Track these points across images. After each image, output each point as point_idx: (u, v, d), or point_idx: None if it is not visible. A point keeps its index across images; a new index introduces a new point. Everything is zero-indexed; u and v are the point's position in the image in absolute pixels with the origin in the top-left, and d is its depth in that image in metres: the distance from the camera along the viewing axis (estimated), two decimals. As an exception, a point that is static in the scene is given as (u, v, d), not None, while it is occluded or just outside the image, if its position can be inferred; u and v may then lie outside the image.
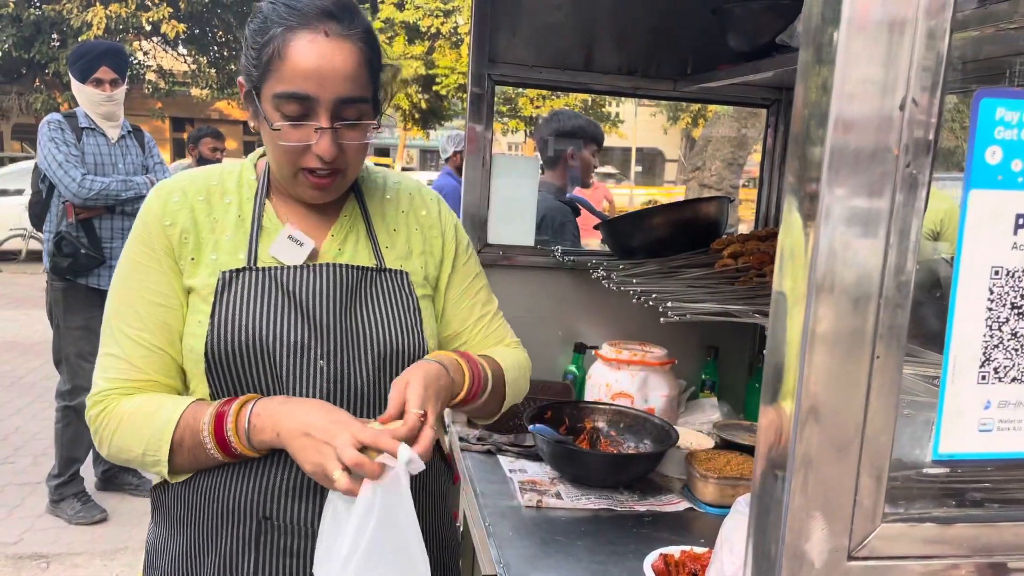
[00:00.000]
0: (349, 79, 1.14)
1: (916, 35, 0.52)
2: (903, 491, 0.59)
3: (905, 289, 0.54)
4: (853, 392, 0.55)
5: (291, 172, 1.20)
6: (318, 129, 1.14)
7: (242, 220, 1.25)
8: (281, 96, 1.13)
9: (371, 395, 1.23)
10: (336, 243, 1.29)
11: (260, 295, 1.20)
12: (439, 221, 1.39)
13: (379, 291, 1.27)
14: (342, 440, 1.05)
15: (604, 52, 2.30)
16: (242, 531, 1.20)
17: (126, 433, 1.19)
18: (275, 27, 1.13)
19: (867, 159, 0.52)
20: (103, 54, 3.70)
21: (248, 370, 1.18)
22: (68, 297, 3.69)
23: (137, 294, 1.22)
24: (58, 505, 3.81)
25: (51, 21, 15.44)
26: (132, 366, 1.21)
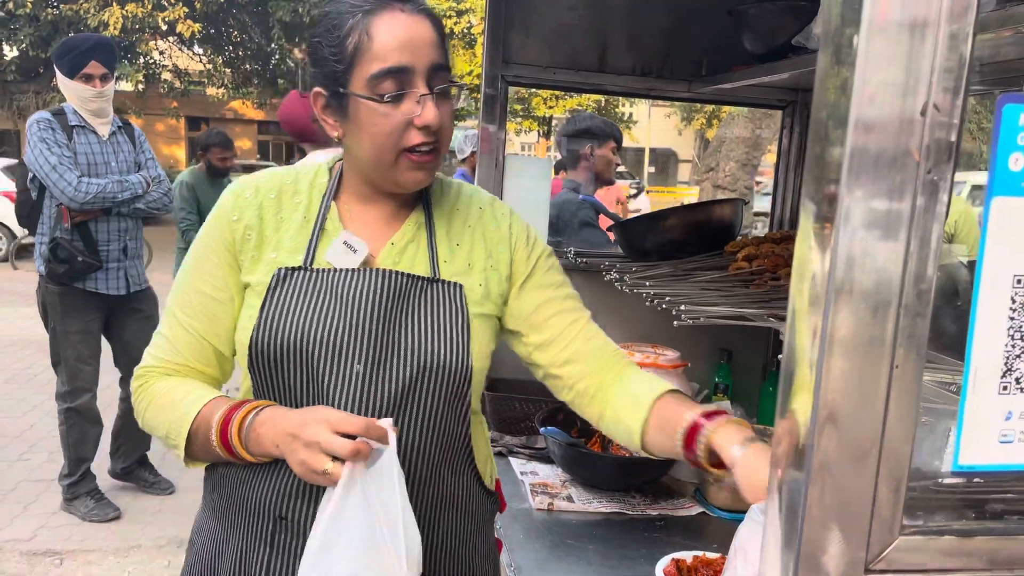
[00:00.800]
0: (436, 46, 1.17)
1: (938, 38, 0.51)
2: (921, 502, 0.57)
3: (925, 296, 0.53)
4: (872, 400, 0.54)
5: (392, 157, 1.18)
6: (420, 98, 1.15)
7: (307, 221, 1.26)
8: (377, 75, 1.14)
9: (405, 404, 1.20)
10: (395, 251, 1.27)
11: (309, 295, 1.21)
12: (508, 236, 1.33)
13: (429, 302, 1.24)
14: (320, 432, 1.06)
15: (618, 53, 2.29)
16: (259, 528, 1.23)
17: (155, 413, 1.24)
18: (351, 17, 1.15)
19: (887, 164, 0.51)
20: (92, 48, 3.53)
21: (287, 368, 1.19)
22: (65, 301, 3.61)
23: (193, 282, 1.26)
24: (71, 503, 3.83)
25: (68, 21, 15.55)
26: (175, 349, 1.26)
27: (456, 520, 1.30)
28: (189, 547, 1.36)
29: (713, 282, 1.86)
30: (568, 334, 1.32)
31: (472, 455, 1.31)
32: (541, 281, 1.33)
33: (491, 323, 1.30)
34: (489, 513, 1.40)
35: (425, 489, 1.24)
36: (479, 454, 1.34)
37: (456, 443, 1.27)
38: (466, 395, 1.25)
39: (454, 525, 1.30)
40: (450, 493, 1.28)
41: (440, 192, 1.34)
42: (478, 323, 1.27)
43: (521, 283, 1.32)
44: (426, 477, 1.24)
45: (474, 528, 1.34)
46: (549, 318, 1.32)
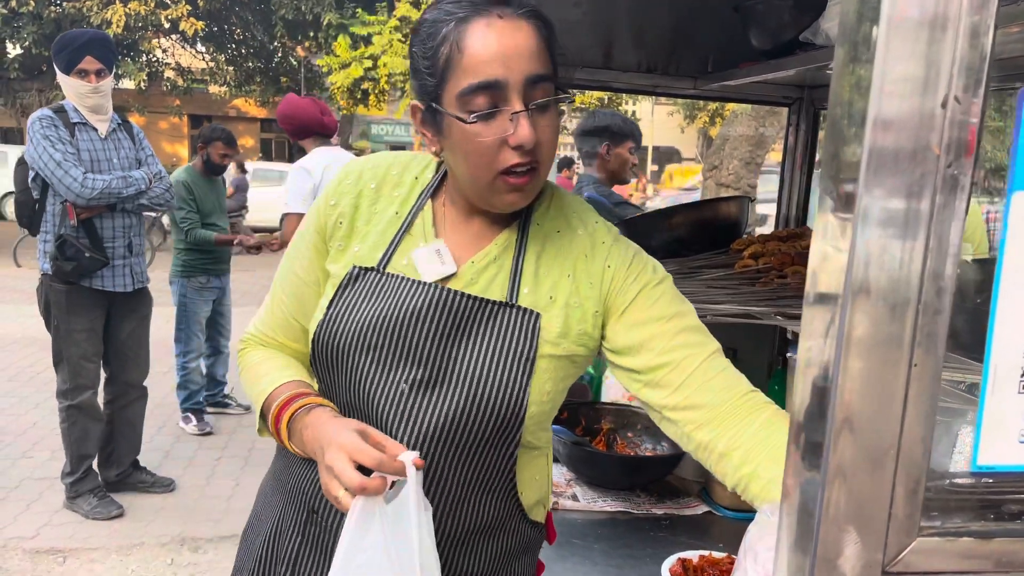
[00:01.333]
0: (533, 55, 1.06)
1: (959, 31, 0.50)
2: (939, 503, 0.56)
3: (944, 294, 0.52)
4: (889, 401, 0.53)
5: (489, 178, 1.10)
6: (513, 115, 1.05)
7: (397, 217, 1.21)
8: (468, 91, 1.05)
9: (448, 432, 1.13)
10: (473, 271, 1.18)
11: (373, 300, 1.16)
12: (603, 271, 1.18)
13: (497, 329, 1.14)
14: (339, 461, 1.01)
15: (623, 50, 2.28)
16: (294, 513, 1.26)
17: (246, 381, 1.29)
18: (445, 25, 1.07)
19: (907, 159, 0.50)
20: (87, 43, 3.52)
21: (340, 373, 1.18)
22: (71, 300, 3.61)
23: (292, 261, 1.28)
24: (74, 501, 3.83)
25: (71, 19, 15.55)
26: (270, 325, 1.30)
27: (490, 549, 1.25)
28: (255, 500, 1.39)
29: (719, 280, 1.85)
30: (679, 373, 1.13)
31: (515, 489, 1.24)
32: (643, 316, 1.16)
33: (564, 364, 1.18)
34: (530, 543, 1.33)
35: (457, 519, 1.19)
36: (529, 490, 1.26)
37: (497, 478, 1.21)
38: (515, 433, 1.15)
39: (487, 555, 1.24)
40: (487, 522, 1.23)
41: (546, 208, 1.22)
42: (545, 363, 1.15)
43: (618, 316, 1.17)
44: (460, 508, 1.19)
45: (509, 558, 1.28)
46: (655, 356, 1.14)
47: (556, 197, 1.24)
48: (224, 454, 4.70)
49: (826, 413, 0.53)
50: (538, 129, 1.07)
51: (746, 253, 1.93)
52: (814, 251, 0.55)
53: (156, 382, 4.63)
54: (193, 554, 3.53)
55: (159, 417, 5.09)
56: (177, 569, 3.41)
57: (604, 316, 1.18)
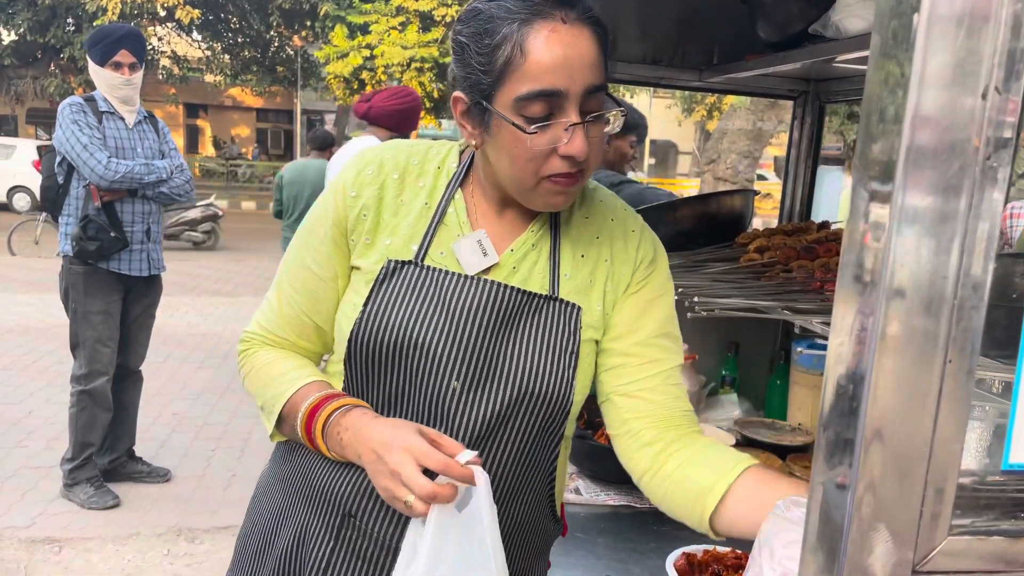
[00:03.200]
0: (594, 66, 1.03)
1: (1001, 21, 0.49)
2: (970, 502, 0.56)
3: (981, 290, 0.51)
4: (923, 399, 0.52)
5: (533, 182, 1.08)
6: (570, 126, 1.03)
7: (427, 208, 1.17)
8: (527, 97, 1.02)
9: (498, 429, 1.12)
10: (513, 259, 1.16)
11: (416, 296, 1.13)
12: (635, 255, 1.20)
13: (542, 322, 1.14)
14: (407, 467, 0.98)
15: (628, 41, 2.26)
16: (327, 518, 1.18)
17: (255, 383, 1.22)
18: (505, 24, 1.02)
19: (946, 152, 0.49)
20: (123, 38, 3.66)
21: (384, 370, 1.13)
22: (88, 282, 3.68)
23: (301, 254, 1.21)
24: (71, 489, 3.82)
25: (66, 6, 15.46)
26: (277, 321, 1.23)
27: (522, 548, 1.24)
28: (251, 506, 1.32)
29: (724, 274, 1.84)
30: (644, 370, 1.18)
31: (553, 484, 1.25)
32: (641, 307, 1.19)
33: (596, 347, 1.19)
34: (550, 540, 1.34)
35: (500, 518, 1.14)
36: (558, 482, 1.27)
37: (541, 472, 1.21)
38: (562, 425, 1.17)
39: (519, 553, 1.23)
40: (522, 521, 1.22)
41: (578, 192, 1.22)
42: (586, 349, 1.16)
43: (625, 296, 1.19)
44: (503, 505, 1.16)
45: (535, 555, 1.28)
46: (632, 345, 1.18)
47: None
48: (220, 445, 4.69)
49: (857, 411, 0.52)
50: (589, 139, 1.05)
51: (751, 247, 1.92)
52: (846, 247, 0.54)
53: (152, 372, 4.62)
54: (189, 544, 3.52)
55: (155, 407, 5.08)
56: (173, 559, 3.40)
57: (616, 302, 1.19)
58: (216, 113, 28.69)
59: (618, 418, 1.19)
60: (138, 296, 3.90)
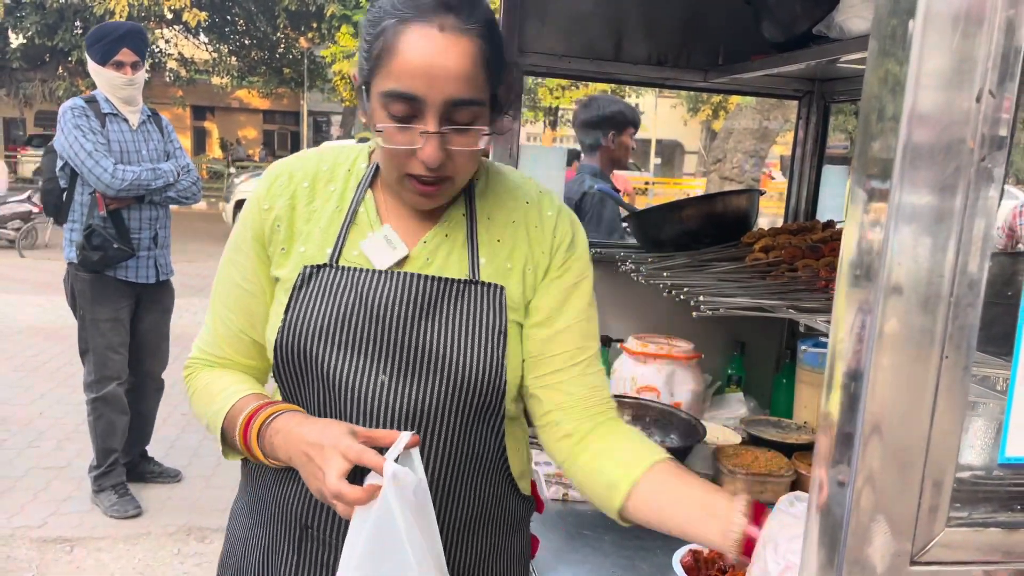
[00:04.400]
0: (462, 79, 1.03)
1: (995, 25, 0.50)
2: (967, 495, 0.57)
3: (976, 287, 0.53)
4: (920, 394, 0.53)
5: (396, 176, 1.11)
6: (424, 133, 1.04)
7: (339, 211, 1.18)
8: (388, 95, 1.04)
9: (433, 418, 1.13)
10: (426, 251, 1.18)
11: (334, 297, 1.14)
12: (552, 237, 1.21)
13: (465, 307, 1.15)
14: (331, 464, 1.00)
15: (634, 42, 2.28)
16: (287, 532, 1.20)
17: (198, 405, 1.23)
18: (388, 19, 1.04)
19: (942, 152, 0.51)
20: (123, 36, 3.56)
21: (310, 374, 1.14)
22: (96, 289, 3.62)
23: (229, 273, 1.22)
24: (97, 495, 3.82)
25: (74, 9, 15.53)
26: (216, 342, 1.24)
27: (489, 529, 1.24)
28: (227, 533, 1.34)
29: (730, 273, 1.85)
30: (565, 360, 1.19)
31: (507, 463, 1.24)
32: (563, 292, 1.21)
33: (520, 330, 1.20)
34: (524, 516, 1.34)
35: (456, 503, 1.18)
36: (515, 460, 1.26)
37: (489, 454, 1.21)
38: (499, 406, 1.17)
39: (487, 534, 1.24)
40: (483, 504, 1.22)
41: (486, 180, 1.23)
42: (513, 331, 1.18)
43: (548, 280, 1.20)
44: (457, 491, 1.18)
45: (507, 534, 1.28)
46: (554, 334, 1.20)
47: (492, 171, 1.25)
48: (229, 445, 4.72)
49: (857, 406, 0.54)
50: (452, 147, 1.06)
51: (756, 246, 1.93)
52: (846, 245, 0.55)
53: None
54: (200, 544, 3.55)
55: (164, 408, 5.08)
56: (184, 559, 3.43)
57: (543, 278, 1.21)
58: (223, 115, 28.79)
59: (540, 410, 1.21)
60: (150, 302, 3.84)
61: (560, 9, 2.23)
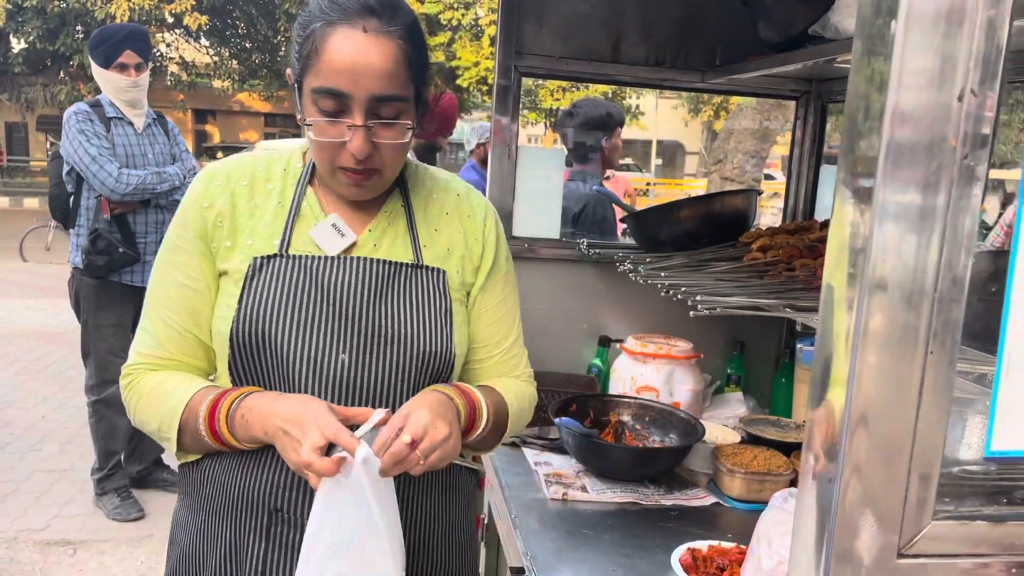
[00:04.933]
0: (385, 76, 1.12)
1: (976, 25, 0.51)
2: (953, 488, 0.58)
3: (960, 284, 0.53)
4: (905, 389, 0.54)
5: (329, 169, 1.20)
6: (351, 127, 1.13)
7: (282, 207, 1.25)
8: (317, 91, 1.13)
9: (391, 394, 1.21)
10: (373, 238, 1.27)
11: (288, 283, 1.20)
12: (483, 227, 1.35)
13: (413, 288, 1.25)
14: (309, 435, 1.06)
15: (631, 43, 2.29)
16: (254, 521, 1.22)
17: (145, 408, 1.24)
18: (316, 21, 1.13)
19: (924, 151, 0.51)
20: (127, 37, 3.54)
21: (269, 357, 1.19)
22: (101, 294, 3.61)
23: (170, 275, 1.25)
24: (100, 499, 3.82)
25: (75, 13, 15.57)
26: (159, 344, 1.26)
27: (444, 501, 1.32)
28: (170, 546, 1.34)
29: (728, 273, 1.86)
30: (487, 353, 1.36)
31: None
32: (496, 287, 1.36)
33: (465, 309, 1.33)
34: (472, 491, 1.43)
35: (411, 484, 1.24)
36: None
37: None
38: (449, 379, 1.28)
39: (442, 506, 1.32)
40: (437, 475, 1.29)
41: (416, 176, 1.35)
42: (458, 308, 1.30)
43: (483, 283, 1.35)
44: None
45: (459, 505, 1.37)
46: (480, 331, 1.35)
47: (421, 168, 1.37)
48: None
49: (844, 400, 0.54)
50: (380, 141, 1.16)
51: (754, 246, 1.93)
52: (832, 243, 0.56)
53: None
54: (202, 546, 3.56)
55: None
56: (186, 561, 3.44)
57: (477, 275, 1.34)
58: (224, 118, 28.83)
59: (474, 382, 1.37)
60: None
61: (557, 11, 2.24)
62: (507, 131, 2.25)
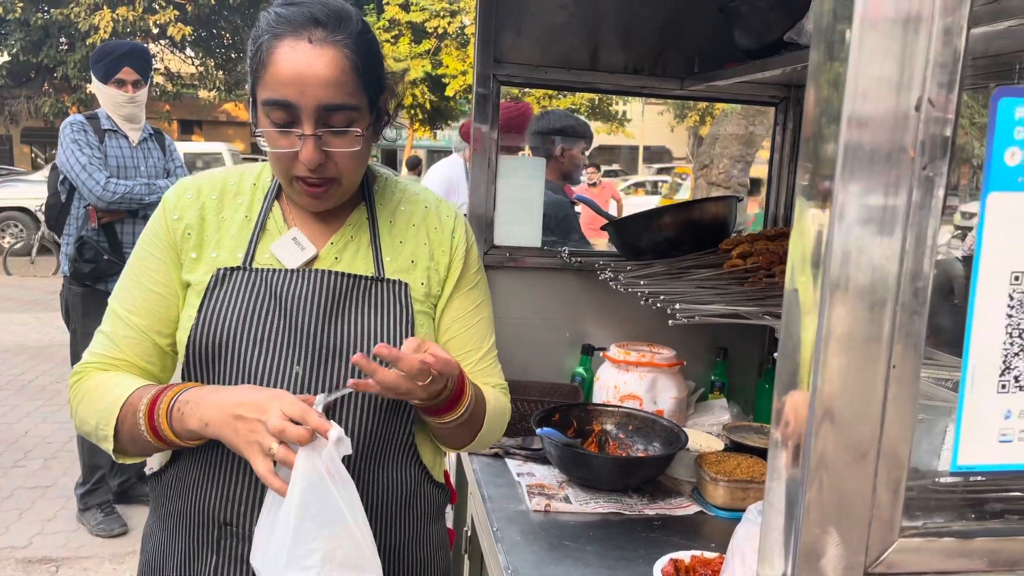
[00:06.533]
0: (332, 85, 1.12)
1: (932, 32, 0.50)
2: (920, 503, 0.57)
3: (922, 294, 0.52)
4: (869, 399, 0.53)
5: (286, 180, 1.21)
6: (301, 136, 1.14)
7: (248, 220, 1.27)
8: (267, 103, 1.14)
9: (345, 405, 1.21)
10: (334, 251, 1.28)
11: (248, 295, 1.21)
12: (450, 239, 1.35)
13: (374, 301, 1.25)
14: (271, 410, 1.04)
15: (610, 51, 2.28)
16: (205, 534, 1.23)
17: (86, 406, 1.22)
18: (264, 35, 1.14)
19: (882, 160, 0.50)
20: (126, 54, 3.62)
21: (225, 367, 1.19)
22: (87, 302, 3.62)
23: (136, 280, 1.26)
24: (83, 514, 3.79)
25: (59, 25, 15.50)
26: (113, 344, 1.26)
27: (407, 516, 1.32)
28: (140, 554, 1.36)
29: (708, 280, 1.85)
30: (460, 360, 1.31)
31: (416, 451, 1.32)
32: (465, 296, 1.36)
33: (431, 321, 1.32)
34: (440, 505, 1.42)
35: (372, 488, 1.25)
36: (424, 449, 1.34)
37: (399, 441, 1.29)
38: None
39: (405, 521, 1.31)
40: (400, 490, 1.29)
41: (384, 189, 1.35)
42: (422, 319, 1.29)
43: (451, 294, 1.34)
44: (374, 478, 1.25)
45: (425, 522, 1.36)
46: (450, 340, 1.35)
47: (391, 180, 1.38)
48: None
49: (806, 413, 0.53)
50: (331, 149, 1.16)
51: (734, 253, 1.93)
52: (792, 249, 0.55)
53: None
54: (187, 561, 3.52)
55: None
56: (171, 577, 3.40)
57: (444, 286, 1.34)
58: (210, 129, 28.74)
59: None
60: None
61: (536, 20, 2.23)
62: (487, 139, 2.24)
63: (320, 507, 1.03)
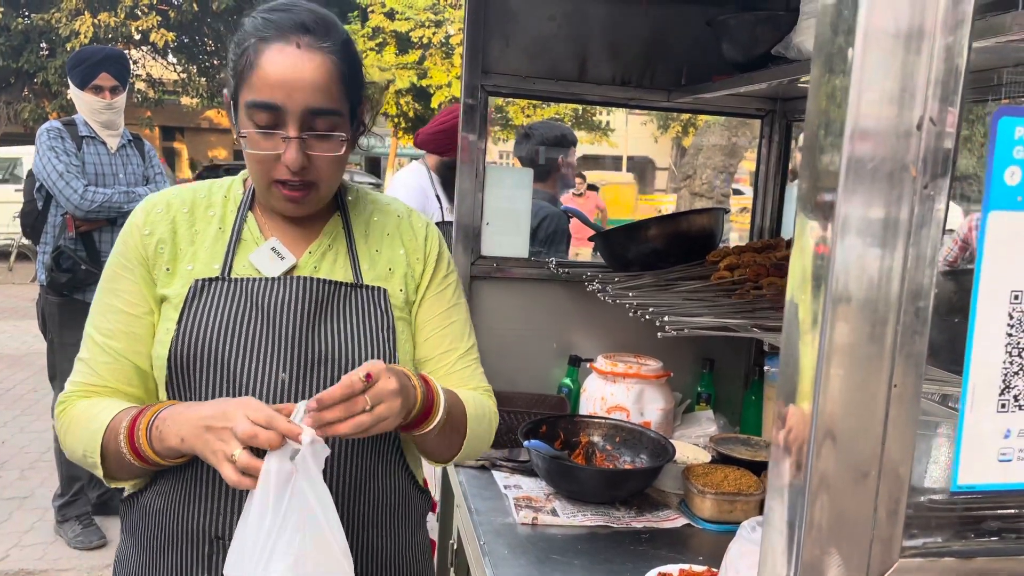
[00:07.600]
0: (318, 90, 1.14)
1: (934, 50, 0.50)
2: (921, 522, 0.56)
3: (923, 313, 0.52)
4: (870, 418, 0.53)
5: (265, 184, 1.21)
6: (285, 139, 1.15)
7: (222, 232, 1.27)
8: (252, 105, 1.15)
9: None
10: (313, 259, 1.28)
11: (228, 305, 1.21)
12: (424, 246, 1.37)
13: (354, 307, 1.26)
14: (237, 418, 1.03)
15: (598, 63, 2.29)
16: (195, 551, 1.21)
17: (73, 434, 1.22)
18: (251, 38, 1.15)
19: (884, 179, 0.50)
20: (103, 60, 3.56)
21: (208, 379, 1.18)
22: (65, 312, 3.56)
23: (109, 301, 1.25)
24: (61, 526, 3.73)
25: (40, 30, 15.37)
26: (93, 371, 1.25)
27: (395, 522, 1.31)
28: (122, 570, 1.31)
29: (696, 292, 1.85)
30: (433, 363, 1.35)
31: (403, 456, 1.33)
32: (438, 296, 1.36)
33: (410, 328, 1.34)
34: (424, 511, 1.42)
35: (358, 494, 1.24)
36: (411, 454, 1.35)
37: (386, 446, 1.29)
38: None
39: (393, 527, 1.31)
40: (384, 496, 1.29)
41: (356, 199, 1.37)
42: (402, 326, 1.30)
43: (423, 296, 1.35)
44: (359, 483, 1.25)
45: (410, 528, 1.36)
46: (424, 340, 1.35)
47: (362, 191, 1.39)
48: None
49: (807, 431, 0.53)
50: (314, 154, 1.17)
51: (722, 265, 1.93)
52: (794, 265, 0.55)
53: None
54: None
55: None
56: (150, 590, 3.35)
57: (418, 292, 1.35)
58: (193, 136, 28.57)
59: None
60: None
61: (524, 31, 2.23)
62: (474, 149, 2.24)
63: (290, 512, 1.02)
